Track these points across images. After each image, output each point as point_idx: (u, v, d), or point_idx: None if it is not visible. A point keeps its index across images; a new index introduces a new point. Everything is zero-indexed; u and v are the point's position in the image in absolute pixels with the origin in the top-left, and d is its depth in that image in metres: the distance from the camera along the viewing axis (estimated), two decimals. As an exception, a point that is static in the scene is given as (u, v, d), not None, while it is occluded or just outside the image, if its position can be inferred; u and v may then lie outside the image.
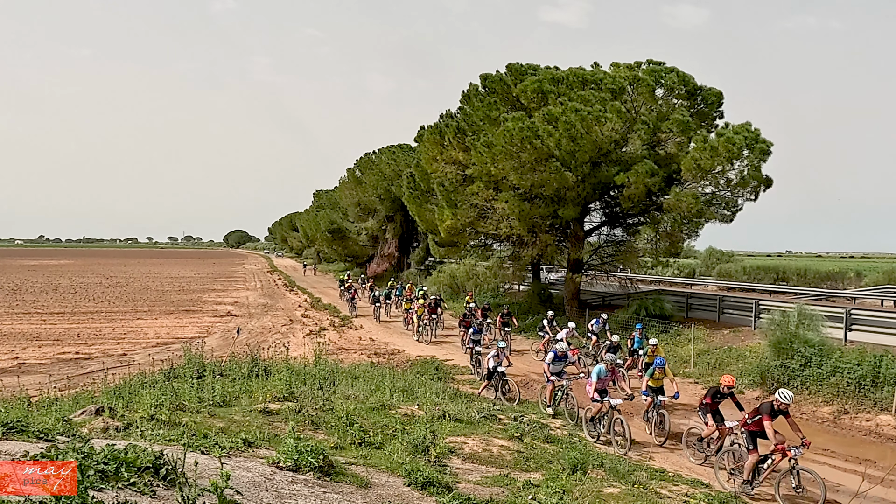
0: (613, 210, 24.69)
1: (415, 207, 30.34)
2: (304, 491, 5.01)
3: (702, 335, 19.46)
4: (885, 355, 14.04)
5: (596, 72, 22.75)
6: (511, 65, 23.78)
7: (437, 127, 25.74)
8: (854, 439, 12.71)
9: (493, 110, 23.36)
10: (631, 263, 27.10)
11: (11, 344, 23.50)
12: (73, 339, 24.70)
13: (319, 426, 8.59)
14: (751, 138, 20.36)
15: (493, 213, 23.63)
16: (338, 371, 14.30)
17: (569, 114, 20.49)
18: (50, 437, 5.52)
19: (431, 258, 42.89)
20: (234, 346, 21.86)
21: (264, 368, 12.54)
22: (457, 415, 10.96)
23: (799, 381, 14.87)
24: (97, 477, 3.80)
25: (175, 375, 11.85)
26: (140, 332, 27.09)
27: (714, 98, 22.93)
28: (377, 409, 10.52)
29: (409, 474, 6.23)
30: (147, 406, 8.05)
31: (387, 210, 49.58)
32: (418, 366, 18.99)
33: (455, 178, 24.97)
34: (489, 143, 21.82)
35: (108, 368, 15.53)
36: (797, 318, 15.91)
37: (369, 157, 51.31)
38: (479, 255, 29.40)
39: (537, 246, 23.95)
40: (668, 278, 37.80)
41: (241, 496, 4.27)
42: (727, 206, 22.06)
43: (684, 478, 9.79)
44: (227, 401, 9.57)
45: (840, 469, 11.11)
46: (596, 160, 21.69)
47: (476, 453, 9.00)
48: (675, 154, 21.54)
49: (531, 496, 6.58)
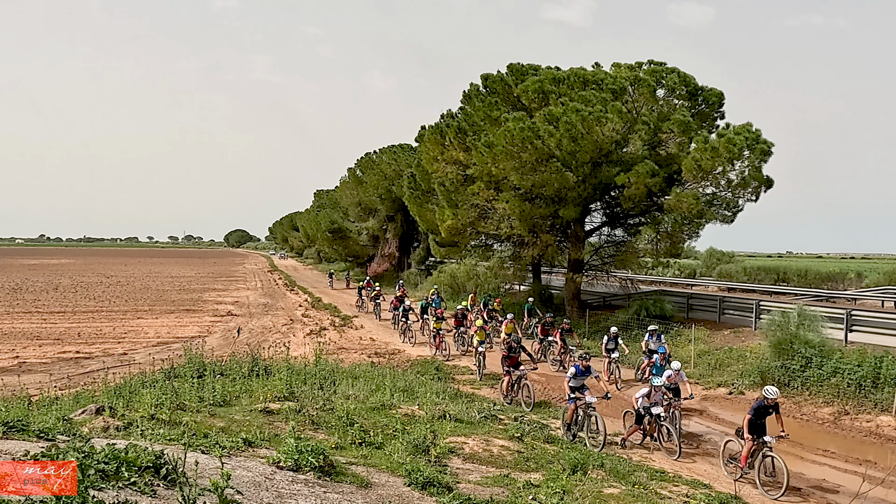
0: (614, 210, 24.69)
1: (415, 207, 30.34)
2: (305, 491, 5.01)
3: (702, 336, 19.45)
4: (885, 356, 14.03)
5: (597, 72, 22.76)
6: (512, 65, 23.79)
7: (437, 127, 25.74)
8: (854, 440, 12.70)
9: (493, 110, 23.37)
10: (631, 264, 27.10)
11: (12, 343, 23.50)
12: (74, 339, 24.70)
13: (320, 426, 8.59)
14: (751, 139, 20.36)
15: (493, 214, 23.63)
16: (338, 371, 14.30)
17: (570, 114, 20.48)
18: (50, 437, 5.52)
19: (432, 258, 42.88)
20: (235, 345, 21.85)
21: (265, 368, 12.54)
22: (457, 415, 10.96)
23: (799, 381, 14.86)
24: (98, 476, 3.80)
25: (175, 375, 11.86)
26: (140, 331, 27.08)
27: (715, 98, 22.93)
28: (377, 408, 10.52)
29: (409, 474, 6.22)
30: (147, 405, 8.06)
31: (387, 210, 49.59)
32: (419, 366, 18.99)
33: (456, 178, 24.98)
34: (490, 143, 21.82)
35: (109, 368, 15.55)
36: (798, 318, 15.89)
37: (370, 156, 51.32)
38: (479, 256, 29.39)
39: (538, 246, 23.96)
40: (669, 279, 37.78)
41: (242, 496, 4.27)
42: (728, 206, 22.06)
43: (684, 478, 9.79)
44: (227, 400, 9.58)
45: (840, 470, 11.10)
46: (597, 160, 21.69)
47: (476, 453, 9.00)
48: (676, 154, 21.54)
49: (531, 496, 6.58)
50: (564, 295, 26.03)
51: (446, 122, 25.57)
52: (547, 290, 28.63)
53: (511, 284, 32.04)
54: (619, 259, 25.58)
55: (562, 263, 28.24)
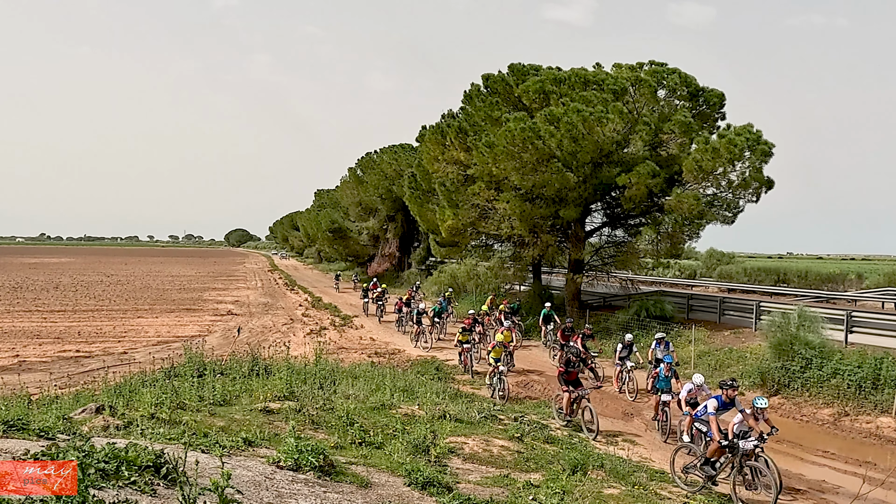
0: (614, 211, 24.69)
1: (416, 207, 30.34)
2: (305, 490, 5.01)
3: (702, 336, 19.45)
4: (885, 357, 14.03)
5: (598, 72, 22.76)
6: (513, 65, 23.79)
7: (438, 127, 25.75)
8: (854, 441, 12.70)
9: (494, 110, 23.37)
10: (632, 264, 27.07)
11: (12, 342, 23.51)
12: (74, 338, 24.71)
13: (320, 426, 8.59)
14: (752, 140, 20.35)
15: (494, 214, 23.63)
16: (338, 370, 14.30)
17: (570, 114, 20.48)
18: (51, 436, 5.52)
19: (432, 258, 42.88)
20: (235, 344, 21.86)
21: (265, 367, 12.56)
22: (457, 415, 10.96)
23: (799, 382, 14.86)
24: (98, 475, 3.80)
25: (175, 374, 11.87)
26: (141, 330, 27.08)
27: (716, 99, 22.93)
28: (377, 408, 10.52)
29: (409, 474, 6.23)
30: (147, 404, 8.06)
31: (388, 210, 49.59)
32: (419, 366, 18.99)
33: (456, 178, 24.98)
34: (491, 143, 21.81)
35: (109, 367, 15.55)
36: (798, 319, 15.89)
37: (371, 156, 51.33)
38: (480, 256, 29.38)
39: (538, 246, 23.95)
40: (669, 279, 37.78)
41: (242, 495, 4.27)
42: (728, 207, 22.04)
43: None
44: (227, 400, 9.58)
45: (840, 471, 11.10)
46: (597, 161, 21.68)
47: (476, 453, 9.00)
48: (677, 155, 21.54)
49: (531, 497, 6.58)
50: (565, 295, 26.03)
51: (447, 122, 25.57)
52: (547, 291, 28.62)
53: (511, 284, 32.05)
54: (619, 259, 25.56)
55: (562, 264, 28.23)
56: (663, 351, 15.35)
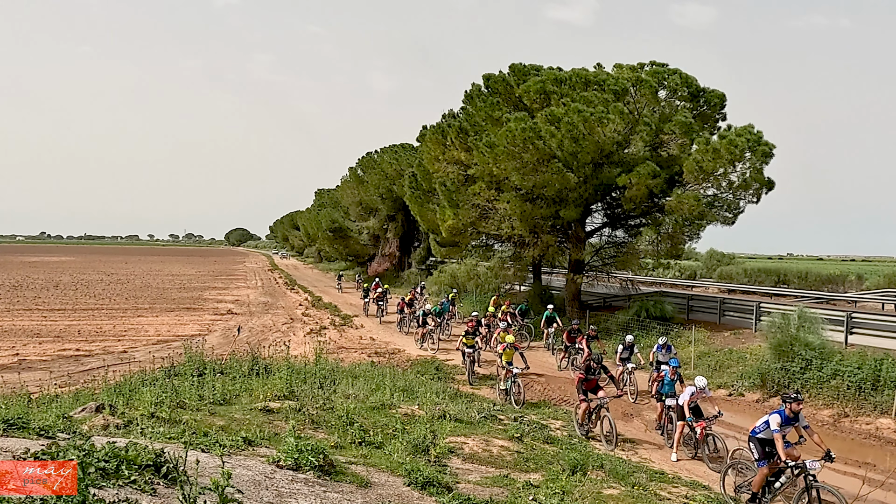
0: (615, 211, 24.69)
1: (416, 207, 30.34)
2: (305, 490, 5.01)
3: (702, 337, 19.44)
4: (885, 359, 14.03)
5: (599, 73, 22.75)
6: (514, 65, 23.79)
7: (439, 127, 25.76)
8: (854, 442, 12.70)
9: (495, 110, 23.37)
10: (632, 265, 27.08)
11: (12, 340, 23.50)
12: (74, 336, 24.70)
13: (320, 425, 8.59)
14: (753, 140, 20.35)
15: (494, 214, 23.63)
16: (338, 370, 14.30)
17: (571, 115, 20.47)
18: (50, 435, 5.52)
19: (433, 258, 42.89)
20: (235, 344, 21.86)
21: (265, 367, 12.56)
22: (457, 415, 10.96)
23: (799, 383, 14.85)
24: (98, 475, 3.80)
25: (176, 373, 11.88)
26: (141, 329, 27.08)
27: (717, 100, 22.92)
28: (377, 408, 10.52)
29: (409, 474, 6.23)
30: (147, 404, 8.05)
31: (388, 209, 49.58)
32: (418, 365, 18.99)
33: (457, 177, 24.98)
34: (491, 143, 21.81)
35: (109, 366, 15.55)
36: (798, 320, 15.88)
37: (371, 156, 51.32)
38: (480, 256, 29.39)
39: (539, 246, 23.96)
40: (669, 280, 37.79)
41: (242, 495, 4.27)
42: (729, 208, 22.05)
43: (684, 480, 9.78)
44: (227, 399, 9.58)
45: (840, 472, 11.09)
46: (598, 161, 21.68)
47: (476, 453, 9.00)
48: (677, 156, 21.54)
49: (531, 497, 6.58)
50: (565, 295, 26.03)
51: (448, 122, 25.58)
52: (547, 291, 28.63)
53: (511, 284, 32.07)
54: (619, 260, 25.57)
55: (562, 264, 28.23)
56: (665, 354, 15.26)
